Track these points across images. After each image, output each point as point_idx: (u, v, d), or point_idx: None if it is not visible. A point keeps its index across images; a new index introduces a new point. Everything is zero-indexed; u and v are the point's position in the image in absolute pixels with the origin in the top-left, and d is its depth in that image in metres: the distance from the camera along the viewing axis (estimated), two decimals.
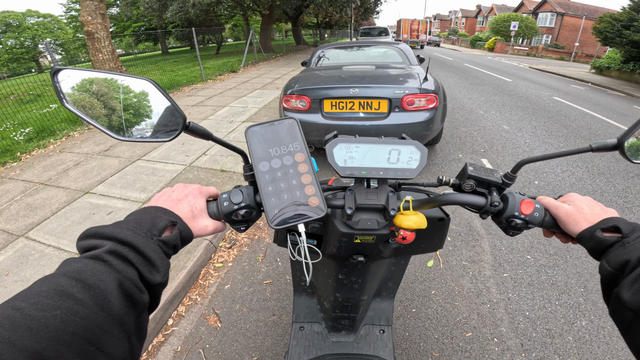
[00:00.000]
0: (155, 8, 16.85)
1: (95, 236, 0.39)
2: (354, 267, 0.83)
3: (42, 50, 31.26)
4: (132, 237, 0.39)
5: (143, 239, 0.40)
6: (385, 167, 0.58)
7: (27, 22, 33.40)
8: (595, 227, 0.47)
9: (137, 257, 0.38)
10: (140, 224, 0.42)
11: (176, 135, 0.53)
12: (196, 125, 0.53)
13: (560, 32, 33.78)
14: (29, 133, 4.96)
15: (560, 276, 2.11)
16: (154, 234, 0.42)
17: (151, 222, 0.43)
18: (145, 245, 0.39)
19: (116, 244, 0.38)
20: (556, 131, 5.00)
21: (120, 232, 0.39)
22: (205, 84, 8.87)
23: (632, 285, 0.38)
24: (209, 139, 0.55)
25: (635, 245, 0.42)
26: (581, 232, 0.49)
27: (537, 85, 9.80)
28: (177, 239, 0.44)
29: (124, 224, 0.41)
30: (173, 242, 0.44)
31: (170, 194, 0.52)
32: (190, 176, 3.33)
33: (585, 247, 0.48)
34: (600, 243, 0.46)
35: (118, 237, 0.38)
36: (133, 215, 0.44)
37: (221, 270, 2.26)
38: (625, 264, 0.41)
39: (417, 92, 2.96)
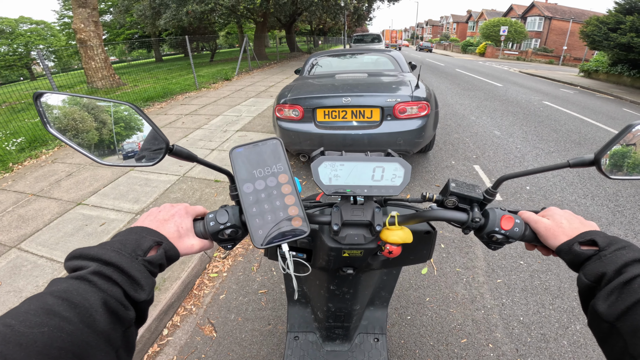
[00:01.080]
0: (149, 15, 16.87)
1: (81, 257, 0.41)
2: (345, 278, 0.84)
3: (34, 57, 31.06)
4: (116, 258, 0.40)
5: (127, 259, 0.41)
6: (370, 184, 0.59)
7: (20, 28, 33.14)
8: (573, 241, 0.48)
9: (122, 277, 0.40)
10: (125, 244, 0.43)
11: (159, 159, 0.54)
12: (180, 148, 0.54)
13: (548, 35, 34.37)
14: (21, 143, 4.89)
15: (553, 281, 2.14)
16: (138, 254, 0.43)
17: (136, 242, 0.44)
18: (130, 266, 0.41)
19: (101, 265, 0.39)
20: (547, 136, 5.08)
21: (104, 253, 0.40)
22: (199, 92, 8.86)
23: (608, 298, 0.40)
24: (193, 161, 0.56)
25: (611, 258, 0.43)
26: (560, 245, 0.50)
27: (527, 89, 9.96)
28: (162, 258, 0.46)
29: (109, 245, 0.42)
30: (158, 262, 0.45)
31: (157, 214, 0.53)
32: (184, 186, 3.32)
33: (564, 259, 0.50)
34: (577, 256, 0.47)
35: (102, 258, 0.40)
36: (119, 236, 0.45)
37: (216, 280, 2.25)
38: (602, 276, 0.42)
39: (408, 100, 2.99)
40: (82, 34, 9.59)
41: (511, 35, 32.01)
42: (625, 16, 11.52)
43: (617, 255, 0.42)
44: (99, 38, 9.97)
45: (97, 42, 9.84)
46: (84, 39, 9.58)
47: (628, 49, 11.46)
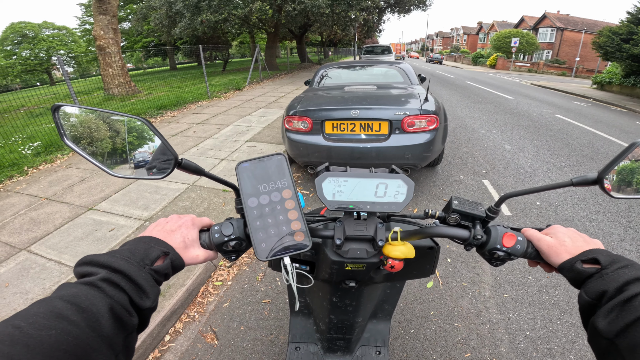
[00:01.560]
0: (165, 24, 17.34)
1: (91, 264, 0.42)
2: (347, 291, 0.85)
3: (55, 62, 32.10)
4: (125, 266, 0.42)
5: (135, 268, 0.43)
6: (373, 200, 0.60)
7: (42, 33, 34.23)
8: (576, 259, 0.49)
9: (129, 285, 0.41)
10: (134, 253, 0.45)
11: (169, 173, 0.57)
12: (188, 162, 0.57)
13: (560, 47, 34.05)
14: (37, 147, 5.04)
15: (562, 296, 2.11)
16: (146, 263, 0.45)
17: (144, 252, 0.46)
18: (137, 274, 0.42)
19: (110, 272, 0.41)
20: (558, 150, 5.01)
21: (114, 261, 0.42)
22: (210, 102, 9.01)
23: (608, 315, 0.40)
24: (201, 174, 0.58)
25: (613, 276, 0.43)
26: (562, 263, 0.50)
27: (539, 102, 9.86)
28: (168, 268, 0.48)
29: (119, 253, 0.44)
30: (164, 271, 0.47)
31: (165, 224, 0.55)
32: (192, 195, 3.36)
33: (566, 277, 0.50)
34: (579, 274, 0.47)
35: (112, 266, 0.42)
36: (128, 245, 0.47)
37: (220, 288, 2.27)
38: (602, 294, 0.43)
39: (417, 113, 2.98)
40: (102, 40, 9.85)
41: (522, 46, 31.77)
42: (637, 27, 11.36)
43: (619, 274, 0.43)
44: (117, 45, 10.24)
45: (115, 49, 10.10)
46: (103, 45, 9.84)
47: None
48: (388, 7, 19.00)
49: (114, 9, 9.96)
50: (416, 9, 18.88)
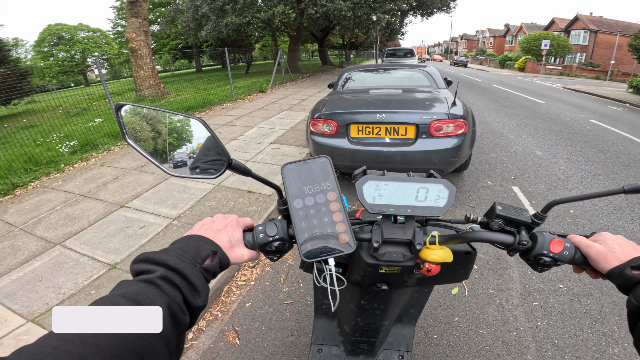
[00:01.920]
0: (192, 27, 17.92)
1: (148, 261, 0.43)
2: (377, 294, 0.85)
3: (89, 64, 33.77)
4: (180, 264, 0.43)
5: (189, 266, 0.44)
6: (413, 204, 0.60)
7: (77, 35, 35.95)
8: (625, 265, 0.49)
9: (184, 283, 0.42)
10: (186, 252, 0.46)
11: (221, 172, 0.58)
12: (238, 162, 0.58)
13: (594, 49, 32.60)
14: (74, 146, 5.30)
15: (594, 305, 2.05)
16: (197, 262, 0.46)
17: (195, 250, 0.47)
18: (190, 272, 0.43)
19: (166, 270, 0.42)
20: (593, 157, 4.77)
21: (170, 259, 0.43)
22: (235, 104, 9.19)
23: None
24: (248, 175, 0.60)
25: None
26: (611, 269, 0.51)
27: (572, 107, 9.43)
28: (216, 267, 0.49)
29: (172, 252, 0.45)
30: (213, 270, 0.48)
31: (211, 224, 0.56)
32: (218, 195, 3.44)
33: (614, 283, 0.50)
34: (629, 280, 0.48)
35: (168, 264, 0.43)
36: (179, 243, 0.48)
37: (243, 288, 2.30)
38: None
39: (445, 117, 2.93)
40: (134, 43, 10.23)
41: (553, 49, 30.52)
42: None
43: None
44: (148, 47, 10.60)
45: (147, 51, 10.46)
46: (135, 48, 10.21)
47: None
48: (410, 10, 18.77)
49: (145, 12, 10.30)
50: (439, 11, 18.55)
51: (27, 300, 2.11)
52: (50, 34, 34.33)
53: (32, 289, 2.22)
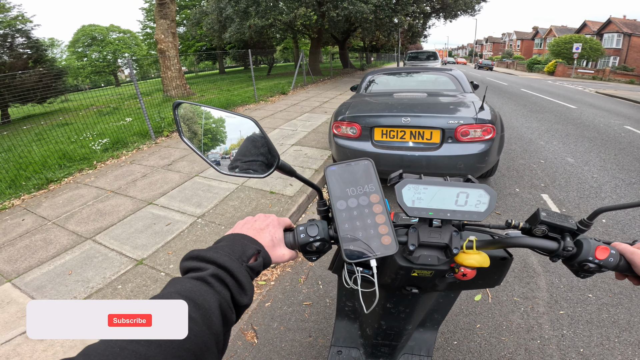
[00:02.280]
0: (216, 29, 18.35)
1: (198, 259, 0.44)
2: (404, 297, 0.85)
3: (120, 64, 35.22)
4: (229, 262, 0.44)
5: (236, 264, 0.44)
6: (453, 209, 0.60)
7: (109, 37, 37.56)
8: None
9: (232, 281, 0.43)
10: (233, 250, 0.47)
11: (270, 172, 0.60)
12: (285, 163, 0.60)
13: (628, 53, 30.97)
14: (106, 144, 5.54)
15: (623, 314, 1.99)
16: (243, 260, 0.46)
17: (242, 249, 0.48)
18: (238, 271, 0.44)
19: (217, 268, 0.43)
20: (628, 165, 4.52)
21: (219, 257, 0.44)
22: (257, 105, 9.32)
23: None
24: (293, 176, 0.62)
25: None
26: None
27: (606, 112, 8.98)
28: (260, 266, 0.49)
29: (221, 250, 0.46)
30: (257, 268, 0.48)
31: (253, 223, 0.57)
32: (241, 195, 3.49)
33: None
34: None
35: (218, 262, 0.43)
36: (224, 241, 0.49)
37: (263, 287, 2.32)
38: None
39: (472, 122, 2.86)
40: (162, 44, 10.55)
41: (586, 52, 29.18)
42: None
43: None
44: (175, 49, 10.91)
45: (174, 52, 10.76)
46: (163, 49, 10.53)
47: None
48: (433, 12, 18.45)
49: (173, 14, 10.59)
50: (464, 14, 18.14)
51: (56, 294, 2.19)
52: (84, 34, 36.06)
53: (62, 282, 2.31)
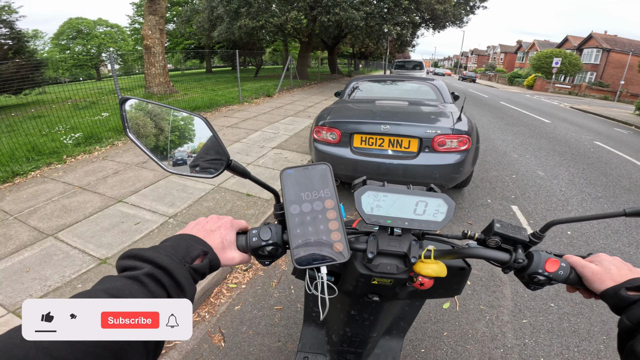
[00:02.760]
0: (206, 27, 18.14)
1: (136, 258, 0.43)
2: (367, 305, 0.84)
3: (104, 58, 34.29)
4: (168, 262, 0.42)
5: (177, 265, 0.43)
6: (411, 217, 0.60)
7: (96, 30, 36.52)
8: (620, 286, 0.50)
9: (170, 282, 0.41)
10: (176, 250, 0.46)
11: (219, 173, 0.59)
12: (237, 164, 0.58)
13: (605, 69, 32.15)
14: (78, 138, 5.34)
15: (584, 324, 2.07)
16: (186, 261, 0.45)
17: (186, 250, 0.47)
18: (178, 272, 0.43)
19: (154, 267, 0.41)
20: (595, 180, 4.74)
21: (158, 257, 0.43)
22: (241, 106, 9.25)
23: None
24: (247, 177, 0.60)
25: None
26: (605, 289, 0.51)
27: (578, 127, 9.41)
28: (206, 268, 0.48)
29: (162, 249, 0.45)
30: (202, 270, 0.47)
31: (205, 224, 0.56)
32: (217, 196, 3.44)
33: (607, 303, 0.51)
34: (622, 300, 0.49)
35: (156, 262, 0.42)
36: (170, 241, 0.48)
37: (234, 291, 2.29)
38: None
39: (449, 132, 2.92)
40: (149, 40, 10.35)
41: (564, 67, 29.86)
42: None
43: None
44: (162, 46, 10.72)
45: (160, 49, 10.57)
46: (149, 45, 10.33)
47: None
48: (423, 23, 18.88)
49: (163, 10, 10.45)
50: (452, 25, 18.66)
51: (11, 291, 2.10)
52: (70, 27, 34.97)
53: (18, 279, 2.20)
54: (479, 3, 17.24)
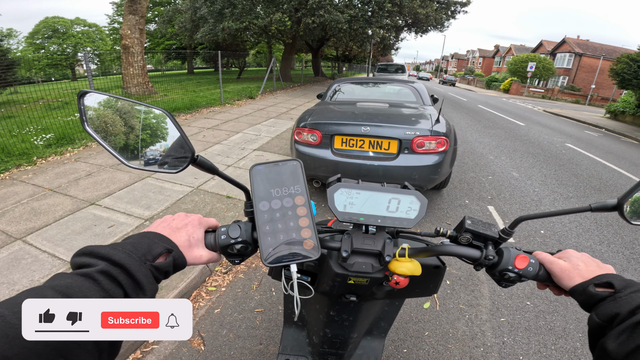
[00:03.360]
0: (188, 28, 17.86)
1: (91, 255, 0.41)
2: (346, 305, 0.83)
3: (80, 58, 33.16)
4: (125, 259, 0.41)
5: (136, 262, 0.42)
6: (384, 215, 0.60)
7: (73, 29, 35.31)
8: (589, 282, 0.50)
9: (127, 280, 0.40)
10: (136, 247, 0.44)
11: (183, 167, 0.57)
12: (204, 159, 0.57)
13: (577, 73, 33.36)
14: (50, 139, 5.13)
15: (559, 322, 2.12)
16: (147, 259, 0.44)
17: (147, 247, 0.45)
18: (137, 269, 0.41)
19: (109, 264, 0.40)
20: (566, 180, 4.95)
21: (115, 253, 0.41)
22: (223, 108, 9.13)
23: (619, 337, 0.41)
24: (214, 173, 0.58)
25: (626, 300, 0.44)
26: (574, 286, 0.51)
27: (551, 130, 9.81)
28: (169, 266, 0.47)
29: (121, 246, 0.43)
30: (165, 268, 0.46)
31: (171, 221, 0.54)
32: (196, 199, 3.37)
33: (576, 300, 0.51)
34: (591, 297, 0.48)
35: (112, 259, 0.40)
36: (131, 239, 0.46)
37: (213, 294, 2.25)
38: (615, 316, 0.44)
39: (427, 134, 2.96)
40: (127, 40, 10.12)
41: (538, 71, 30.89)
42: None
43: (632, 297, 0.44)
44: (141, 46, 10.48)
45: (139, 49, 10.34)
46: (127, 45, 10.10)
47: None
48: (406, 26, 19.25)
49: (144, 10, 10.25)
50: (434, 29, 19.10)
51: None
52: (46, 26, 33.73)
53: None
54: (459, 8, 17.71)
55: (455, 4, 17.47)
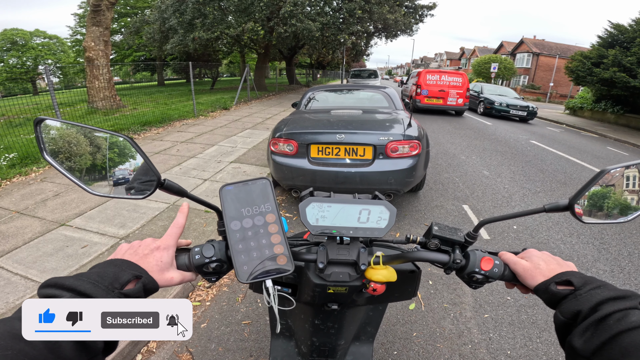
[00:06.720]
0: (157, 39, 17.42)
1: (56, 286, 0.41)
2: (330, 313, 0.85)
3: (41, 71, 31.52)
4: (91, 289, 0.41)
5: (102, 292, 0.42)
6: (356, 226, 0.62)
7: (33, 42, 33.62)
8: (550, 281, 0.51)
9: None
10: (102, 277, 0.44)
11: (150, 193, 0.57)
12: (171, 183, 0.57)
13: (536, 72, 34.47)
14: (13, 159, 4.85)
15: (540, 315, 2.19)
16: (115, 287, 0.43)
17: (114, 275, 0.45)
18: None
19: (75, 295, 0.40)
20: (533, 176, 5.21)
21: (80, 284, 0.41)
22: (196, 120, 8.97)
23: (583, 334, 0.42)
24: (183, 196, 0.58)
25: (586, 297, 0.45)
26: (537, 285, 0.53)
27: (516, 128, 10.31)
28: (140, 292, 0.46)
29: (86, 277, 0.43)
30: (135, 294, 0.46)
31: (137, 248, 0.54)
32: (172, 215, 3.29)
33: (541, 298, 0.52)
34: (554, 295, 0.50)
35: (77, 290, 0.41)
36: (97, 268, 0.46)
37: (198, 309, 2.21)
38: (577, 314, 0.45)
39: (400, 138, 3.04)
40: (91, 52, 9.76)
41: (501, 72, 31.66)
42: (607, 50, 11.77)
43: (592, 294, 0.45)
44: (106, 58, 10.15)
45: (104, 61, 10.00)
46: (92, 57, 9.73)
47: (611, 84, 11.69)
48: (376, 32, 19.72)
49: (108, 21, 9.94)
50: (403, 34, 19.66)
51: None
52: (4, 38, 31.89)
53: None
54: (426, 12, 18.36)
55: (422, 7, 18.09)
